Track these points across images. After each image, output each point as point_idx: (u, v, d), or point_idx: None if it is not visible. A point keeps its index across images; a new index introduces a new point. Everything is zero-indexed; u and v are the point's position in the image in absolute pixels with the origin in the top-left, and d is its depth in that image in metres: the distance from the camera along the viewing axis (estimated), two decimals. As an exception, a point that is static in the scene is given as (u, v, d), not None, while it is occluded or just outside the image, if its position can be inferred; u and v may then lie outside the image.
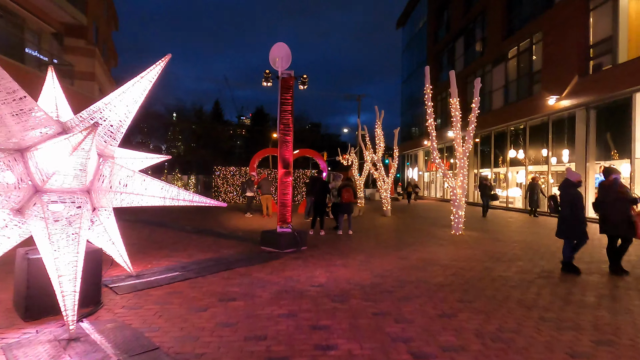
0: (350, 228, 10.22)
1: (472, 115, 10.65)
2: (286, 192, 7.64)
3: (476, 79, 10.73)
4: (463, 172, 10.72)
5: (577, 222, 5.71)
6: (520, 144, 17.94)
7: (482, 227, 11.75)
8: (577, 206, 5.68)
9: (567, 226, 5.78)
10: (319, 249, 7.58)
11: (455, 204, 10.57)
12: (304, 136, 55.96)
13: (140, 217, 12.53)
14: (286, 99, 7.61)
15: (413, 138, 33.85)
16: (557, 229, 5.94)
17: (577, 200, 5.71)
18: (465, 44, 23.76)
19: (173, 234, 9.19)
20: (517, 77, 17.98)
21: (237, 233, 9.69)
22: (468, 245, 8.24)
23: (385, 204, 15.76)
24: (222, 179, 23.13)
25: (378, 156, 16.20)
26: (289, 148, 7.68)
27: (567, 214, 5.68)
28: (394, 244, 8.39)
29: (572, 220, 5.73)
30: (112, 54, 24.31)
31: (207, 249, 7.40)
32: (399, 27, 39.53)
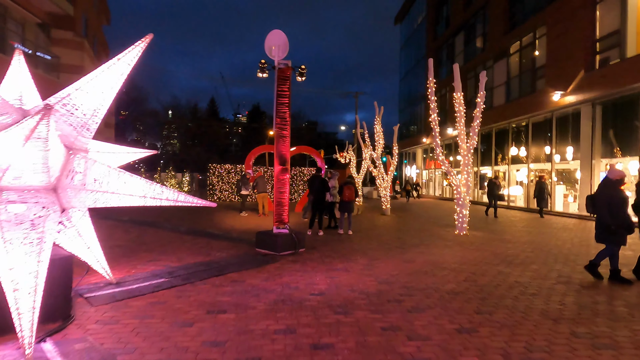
0: (350, 228, 9.78)
1: (477, 110, 10.22)
2: (283, 191, 7.15)
3: (481, 72, 10.29)
4: (467, 170, 10.29)
5: (618, 226, 5.01)
6: (522, 142, 17.56)
7: (486, 226, 11.34)
8: (617, 207, 5.02)
9: (605, 230, 5.11)
10: (318, 251, 7.10)
11: (459, 202, 10.13)
12: (301, 134, 55.49)
13: (132, 217, 11.99)
14: (283, 91, 7.11)
15: (411, 136, 33.44)
16: (595, 232, 5.34)
17: (616, 200, 5.05)
18: (466, 39, 23.34)
19: (164, 235, 8.67)
20: (519, 73, 17.58)
21: (231, 234, 9.19)
22: (475, 247, 7.80)
23: (385, 202, 15.32)
24: (217, 177, 22.61)
25: (377, 153, 15.74)
26: (286, 143, 7.19)
27: (604, 216, 5.11)
28: (397, 245, 7.93)
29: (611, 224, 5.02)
30: (103, 48, 23.63)
31: (198, 251, 6.89)
32: (397, 23, 39.02)
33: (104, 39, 24.24)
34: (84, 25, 18.33)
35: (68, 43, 15.30)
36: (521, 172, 17.91)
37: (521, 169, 17.99)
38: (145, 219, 11.78)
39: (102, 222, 10.71)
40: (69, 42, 15.34)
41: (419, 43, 32.31)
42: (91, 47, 19.42)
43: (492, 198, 13.94)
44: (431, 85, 10.28)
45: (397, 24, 39.28)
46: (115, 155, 4.55)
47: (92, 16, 19.60)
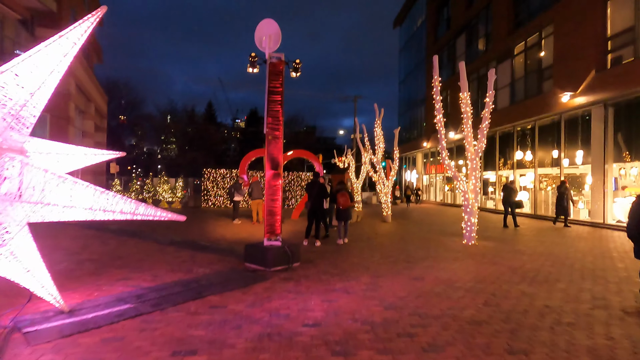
0: (346, 236, 9.08)
1: (485, 110, 9.52)
2: (275, 198, 6.40)
3: (490, 70, 9.62)
4: (475, 175, 9.57)
5: None
6: (527, 145, 16.88)
7: (495, 235, 10.59)
8: None
9: None
10: (314, 266, 6.34)
11: (467, 210, 9.40)
12: (299, 139, 54.81)
13: (112, 226, 11.20)
14: (275, 87, 6.39)
15: (411, 140, 32.79)
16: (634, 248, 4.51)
17: None
18: (467, 41, 22.76)
19: (145, 247, 7.89)
20: (524, 74, 16.95)
21: (220, 245, 8.41)
22: (488, 260, 7.05)
23: (385, 208, 14.58)
24: (211, 182, 21.87)
25: (377, 158, 15.03)
26: (279, 145, 6.45)
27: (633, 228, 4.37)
28: (402, 258, 7.17)
29: None
30: (95, 49, 22.97)
31: (179, 266, 6.12)
32: (396, 26, 38.58)
33: (96, 40, 23.57)
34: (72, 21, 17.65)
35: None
36: (527, 177, 17.22)
37: (527, 173, 17.30)
38: (132, 227, 10.98)
39: (83, 231, 9.93)
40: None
41: (419, 46, 31.79)
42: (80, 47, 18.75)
43: (508, 205, 12.25)
44: (436, 84, 9.59)
45: (396, 27, 38.84)
46: (69, 157, 3.79)
47: (81, 14, 18.92)
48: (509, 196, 12.12)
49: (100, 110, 23.10)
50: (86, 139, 19.91)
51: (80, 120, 19.38)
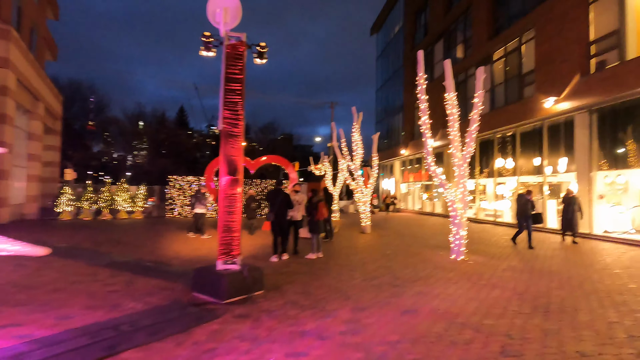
0: (320, 250, 8.03)
1: (474, 112, 8.71)
2: (232, 211, 5.15)
3: (478, 69, 8.84)
4: (464, 182, 8.68)
5: None
6: (508, 153, 16.42)
7: (483, 249, 9.72)
8: None
9: None
10: (281, 294, 5.11)
11: (455, 221, 8.47)
12: (275, 146, 53.50)
13: (49, 240, 9.49)
14: (234, 74, 5.20)
15: (389, 148, 32.24)
16: None
17: None
18: (446, 47, 22.43)
19: (71, 271, 6.37)
20: (504, 80, 16.58)
21: (170, 265, 7.01)
22: (486, 281, 6.06)
23: (364, 218, 13.55)
24: (177, 190, 20.19)
25: (356, 164, 14.02)
26: (238, 145, 5.23)
27: None
28: (387, 279, 6.07)
29: None
30: (47, 44, 20.90)
31: (103, 300, 4.72)
32: (373, 33, 38.34)
33: (49, 34, 21.50)
34: (17, 13, 15.77)
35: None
36: (509, 185, 16.73)
37: (508, 181, 16.82)
38: (72, 241, 9.32)
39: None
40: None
41: (396, 53, 31.48)
42: (27, 40, 16.79)
43: (523, 220, 9.84)
44: (421, 82, 8.69)
45: (373, 34, 38.61)
46: None
47: (29, 5, 17.03)
48: (525, 209, 9.82)
49: (53, 112, 20.95)
50: (33, 141, 17.80)
51: (25, 120, 17.29)
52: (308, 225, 8.08)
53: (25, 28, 16.64)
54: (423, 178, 25.24)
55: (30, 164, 17.64)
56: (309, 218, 8.00)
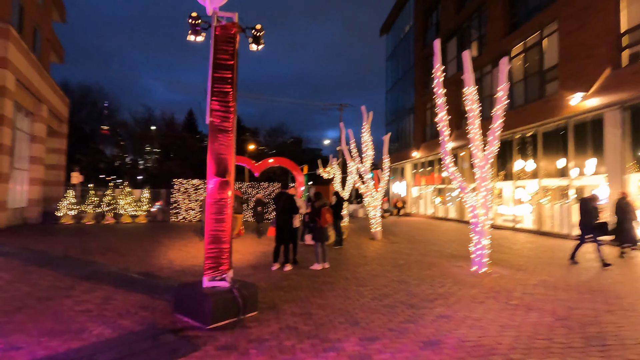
0: (326, 259, 7.30)
1: (498, 107, 7.85)
2: (221, 218, 4.42)
3: (502, 59, 7.97)
4: (486, 185, 7.82)
5: None
6: (528, 154, 15.41)
7: (506, 258, 8.81)
8: None
9: None
10: (277, 316, 4.35)
11: (476, 229, 7.61)
12: (284, 150, 53.01)
13: (37, 246, 8.93)
14: (224, 60, 4.49)
15: (399, 150, 31.34)
16: None
17: None
18: (459, 45, 21.53)
19: (45, 284, 5.72)
20: (523, 77, 15.61)
21: (157, 277, 6.31)
22: (518, 300, 5.20)
23: (374, 224, 12.73)
24: (182, 194, 19.68)
25: (366, 167, 13.22)
26: (229, 143, 4.52)
27: None
28: (402, 298, 5.25)
29: None
30: (52, 46, 20.68)
31: (69, 322, 4.03)
32: (383, 34, 37.57)
33: (54, 36, 21.30)
34: (19, 12, 15.48)
35: (-17, 28, 12.40)
36: (530, 188, 15.70)
37: (527, 185, 15.80)
38: (59, 247, 8.73)
39: None
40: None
41: (407, 53, 30.64)
42: (29, 40, 16.50)
43: (588, 231, 7.94)
44: (439, 75, 7.88)
45: (382, 35, 37.84)
46: None
47: (31, 5, 16.76)
48: (592, 217, 7.93)
49: (58, 114, 20.69)
50: (36, 144, 17.47)
51: (27, 122, 16.98)
52: (311, 232, 7.34)
53: (27, 28, 16.36)
54: (436, 181, 24.27)
55: (32, 167, 17.30)
56: (312, 225, 7.26)
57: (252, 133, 55.60)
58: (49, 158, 21.53)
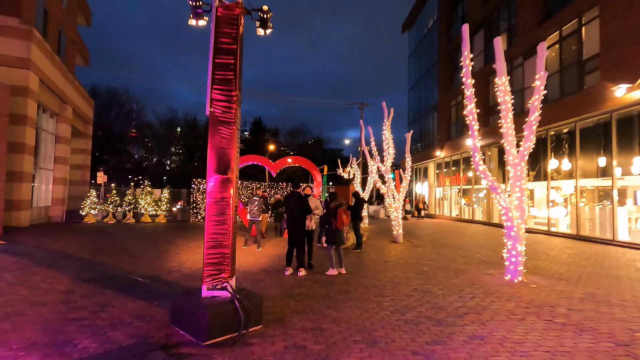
0: (342, 265, 6.76)
1: (534, 98, 7.05)
2: (223, 220, 3.96)
3: (540, 44, 7.16)
4: (521, 185, 7.05)
5: None
6: (564, 152, 14.26)
7: (542, 266, 7.96)
8: None
9: None
10: (284, 331, 3.85)
11: (510, 233, 6.84)
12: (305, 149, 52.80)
13: (52, 246, 8.84)
14: (226, 44, 4.04)
15: (423, 149, 30.31)
16: None
17: None
18: (487, 37, 20.43)
19: (49, 285, 5.46)
20: (559, 69, 14.46)
21: (164, 282, 5.96)
22: (565, 318, 4.47)
23: (396, 226, 12.05)
24: (201, 194, 19.62)
25: (386, 166, 12.56)
26: (231, 136, 4.05)
27: None
28: (428, 312, 4.63)
29: None
30: (77, 48, 21.15)
31: (56, 332, 3.68)
32: (405, 30, 36.56)
33: (79, 38, 21.79)
34: (43, 15, 15.80)
35: (6, 30, 12.61)
36: (566, 188, 14.54)
37: (563, 186, 14.63)
38: (80, 250, 8.60)
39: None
40: (9, 29, 12.66)
41: (430, 49, 29.58)
42: (54, 42, 16.85)
43: None
44: (467, 63, 7.16)
45: (405, 31, 36.83)
46: None
47: (56, 7, 17.11)
48: None
49: (83, 115, 21.14)
50: (61, 144, 17.82)
51: (52, 123, 17.34)
52: (325, 235, 6.81)
53: (52, 31, 16.70)
54: (461, 181, 23.18)
55: (57, 167, 17.66)
56: (327, 226, 6.73)
57: (273, 133, 55.68)
58: (75, 158, 22.07)
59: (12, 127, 12.44)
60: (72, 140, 21.70)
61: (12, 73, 12.59)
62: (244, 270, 6.91)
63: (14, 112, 12.51)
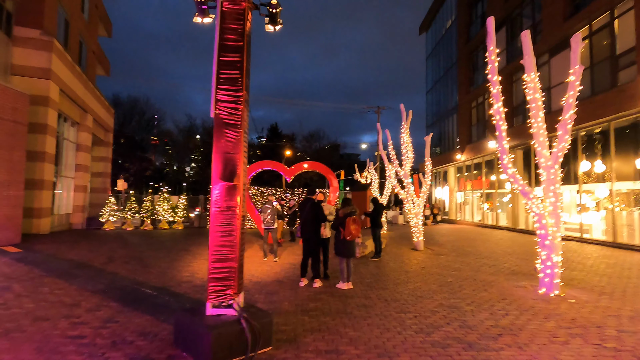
0: (350, 279, 6.32)
1: (570, 93, 6.48)
2: (229, 232, 3.64)
3: (574, 35, 6.59)
4: (555, 190, 6.47)
5: None
6: (597, 154, 13.37)
7: (580, 277, 7.29)
8: None
9: None
10: (296, 354, 3.47)
11: (545, 243, 6.26)
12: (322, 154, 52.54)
13: (67, 254, 8.80)
14: (232, 40, 3.76)
15: (442, 153, 29.48)
16: None
17: None
18: (509, 35, 19.65)
19: (56, 297, 5.29)
20: (590, 65, 13.63)
21: (173, 295, 5.70)
22: (617, 342, 3.92)
23: (416, 233, 11.50)
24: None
25: (405, 170, 12.06)
26: (238, 139, 3.75)
27: None
28: (455, 332, 4.16)
29: None
30: (97, 59, 21.65)
31: (50, 353, 3.43)
32: (422, 32, 35.95)
33: (100, 49, 22.32)
34: (65, 26, 16.19)
35: (28, 41, 12.91)
36: (596, 193, 13.63)
37: (596, 189, 13.71)
38: (94, 259, 8.53)
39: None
40: (30, 40, 12.96)
41: (448, 50, 28.88)
42: (75, 53, 17.24)
43: None
44: (493, 57, 6.67)
45: (422, 33, 36.22)
46: None
47: (77, 18, 17.53)
48: None
49: (103, 124, 21.56)
50: (82, 152, 18.17)
51: (73, 132, 17.70)
52: (334, 245, 6.39)
53: (73, 42, 17.09)
54: (483, 186, 22.29)
55: (78, 175, 17.98)
56: (335, 237, 6.32)
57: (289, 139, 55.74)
58: (96, 166, 22.51)
59: (33, 135, 12.67)
60: (93, 149, 22.15)
61: (33, 83, 12.86)
62: (257, 281, 6.60)
63: (35, 122, 12.74)
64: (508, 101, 18.41)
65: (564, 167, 15.02)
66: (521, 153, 18.00)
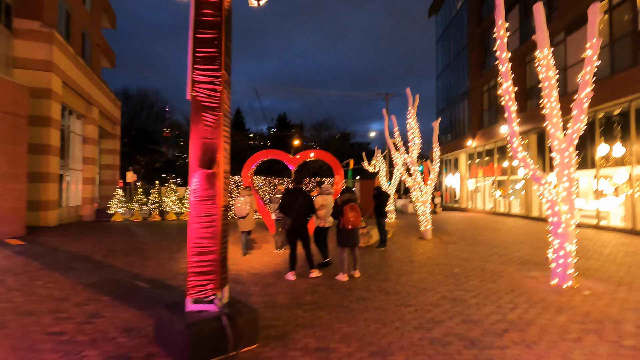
0: (357, 267, 6.07)
1: (585, 71, 5.99)
2: (209, 223, 3.40)
3: (591, 6, 6.05)
4: (569, 174, 6.04)
5: None
6: (616, 136, 12.69)
7: (594, 267, 6.89)
8: None
9: None
10: (283, 352, 3.25)
11: (558, 231, 5.87)
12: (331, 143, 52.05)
13: (69, 246, 8.77)
14: (208, 15, 3.45)
15: (453, 139, 28.76)
16: None
17: None
18: (522, 14, 18.74)
19: (47, 291, 5.19)
20: (609, 42, 12.83)
21: (167, 287, 5.55)
22: (637, 338, 3.57)
23: (424, 221, 11.16)
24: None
25: (412, 158, 11.66)
26: (217, 123, 3.47)
27: None
28: (458, 327, 3.88)
29: None
30: (102, 51, 21.56)
31: (31, 349, 3.28)
32: (432, 14, 34.80)
33: (104, 41, 22.21)
34: (66, 17, 16.06)
35: (28, 33, 12.81)
36: (618, 177, 12.98)
37: (615, 174, 13.06)
38: (94, 252, 8.48)
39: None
40: (31, 32, 12.85)
41: (459, 33, 27.88)
42: (78, 45, 17.15)
43: None
44: (502, 35, 6.19)
45: (431, 15, 35.08)
46: None
47: (79, 10, 17.38)
48: None
49: (110, 116, 21.58)
50: (88, 145, 18.22)
51: (79, 124, 17.73)
52: (337, 235, 6.13)
53: (75, 34, 16.97)
54: (495, 172, 21.65)
55: (85, 167, 18.08)
56: (339, 226, 6.05)
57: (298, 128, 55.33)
58: (105, 158, 22.66)
59: (37, 128, 12.67)
60: (102, 141, 22.27)
61: (35, 76, 12.79)
62: (255, 273, 6.41)
63: (38, 114, 12.72)
64: (521, 84, 17.65)
65: (580, 150, 14.35)
66: (535, 137, 17.31)
